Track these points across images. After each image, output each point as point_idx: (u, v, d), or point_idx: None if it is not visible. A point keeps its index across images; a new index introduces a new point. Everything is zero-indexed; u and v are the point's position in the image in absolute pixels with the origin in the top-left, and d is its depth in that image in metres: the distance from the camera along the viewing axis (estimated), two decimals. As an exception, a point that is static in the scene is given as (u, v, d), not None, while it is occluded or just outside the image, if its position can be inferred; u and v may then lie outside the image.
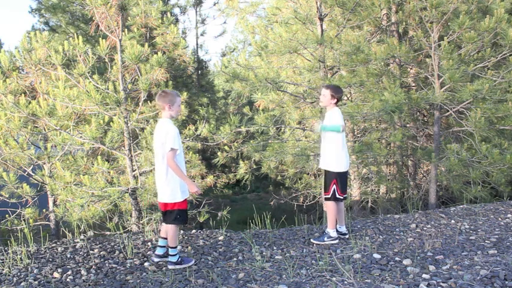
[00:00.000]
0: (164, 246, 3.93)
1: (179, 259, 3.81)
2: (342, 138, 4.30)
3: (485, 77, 6.96)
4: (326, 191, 4.41)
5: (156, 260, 3.92)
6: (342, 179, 4.36)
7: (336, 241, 4.37)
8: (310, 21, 8.66)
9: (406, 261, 3.69)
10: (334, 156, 4.32)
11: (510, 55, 7.02)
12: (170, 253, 3.81)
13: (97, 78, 6.46)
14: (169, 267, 3.77)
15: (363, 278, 3.38)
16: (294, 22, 8.97)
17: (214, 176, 11.66)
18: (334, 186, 4.33)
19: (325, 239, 4.36)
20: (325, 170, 4.43)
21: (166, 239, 3.92)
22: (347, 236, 4.50)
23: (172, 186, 3.70)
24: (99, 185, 6.39)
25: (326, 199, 4.44)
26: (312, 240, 4.43)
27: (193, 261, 3.88)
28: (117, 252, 4.20)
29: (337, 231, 4.48)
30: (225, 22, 24.17)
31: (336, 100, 4.31)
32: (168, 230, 3.82)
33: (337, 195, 4.35)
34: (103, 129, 6.68)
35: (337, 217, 4.47)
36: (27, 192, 6.54)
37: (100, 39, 6.42)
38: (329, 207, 4.40)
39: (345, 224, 4.64)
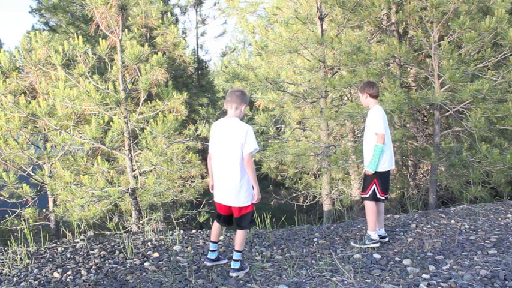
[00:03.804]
0: (215, 251, 3.77)
1: (241, 265, 3.65)
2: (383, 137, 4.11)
3: (486, 77, 6.95)
4: (364, 190, 4.25)
5: (209, 264, 3.76)
6: (382, 178, 4.20)
7: (378, 244, 4.17)
8: (311, 21, 8.67)
9: (406, 261, 3.68)
10: None
11: (510, 55, 7.01)
12: (235, 258, 3.60)
13: (97, 78, 6.46)
14: (232, 274, 3.56)
15: (363, 278, 3.38)
16: (294, 22, 8.97)
17: (214, 176, 11.60)
18: (374, 185, 4.17)
19: (366, 242, 4.19)
20: (365, 169, 4.28)
21: (217, 242, 3.75)
22: (386, 239, 4.32)
23: (246, 188, 3.48)
24: (99, 185, 6.39)
25: (363, 199, 4.28)
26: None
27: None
28: (117, 252, 4.20)
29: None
30: (225, 22, 24.27)
31: (373, 97, 4.21)
32: (239, 234, 3.60)
33: (378, 195, 4.18)
34: (103, 129, 6.67)
35: (376, 219, 4.28)
36: (27, 192, 6.54)
37: (100, 39, 6.42)
38: (368, 207, 4.22)
39: (383, 227, 4.40)
